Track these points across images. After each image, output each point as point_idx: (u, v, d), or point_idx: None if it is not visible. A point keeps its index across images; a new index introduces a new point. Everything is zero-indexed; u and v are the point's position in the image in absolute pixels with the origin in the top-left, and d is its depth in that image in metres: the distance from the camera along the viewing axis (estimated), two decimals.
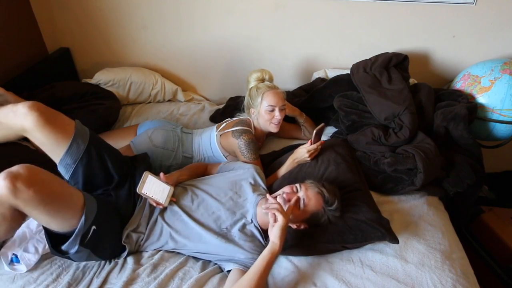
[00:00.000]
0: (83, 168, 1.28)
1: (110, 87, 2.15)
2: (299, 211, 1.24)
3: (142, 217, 1.34)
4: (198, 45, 2.22)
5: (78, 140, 1.26)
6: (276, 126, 1.68)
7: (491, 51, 1.95)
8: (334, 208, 1.25)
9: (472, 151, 1.70)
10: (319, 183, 1.29)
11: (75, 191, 1.19)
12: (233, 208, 1.35)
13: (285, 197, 1.26)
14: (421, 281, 1.18)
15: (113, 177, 1.35)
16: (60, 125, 1.25)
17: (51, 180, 1.12)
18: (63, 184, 1.17)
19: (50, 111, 1.25)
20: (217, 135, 1.70)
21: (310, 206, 1.24)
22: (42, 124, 1.19)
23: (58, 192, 1.12)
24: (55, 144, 1.24)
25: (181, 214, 1.33)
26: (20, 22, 2.06)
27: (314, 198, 1.24)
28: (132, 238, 1.31)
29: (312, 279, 1.21)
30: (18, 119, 1.19)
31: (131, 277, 1.22)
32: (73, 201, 1.15)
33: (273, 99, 1.64)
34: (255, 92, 1.68)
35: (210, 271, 1.27)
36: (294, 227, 1.29)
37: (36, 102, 1.23)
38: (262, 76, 1.72)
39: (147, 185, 1.29)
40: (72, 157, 1.26)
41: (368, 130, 1.70)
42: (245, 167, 1.51)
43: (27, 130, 1.20)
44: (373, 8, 1.94)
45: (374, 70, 1.85)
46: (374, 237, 1.25)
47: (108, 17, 2.18)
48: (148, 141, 1.66)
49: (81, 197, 1.17)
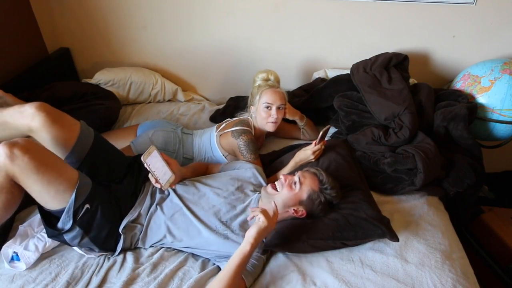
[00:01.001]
0: (87, 167, 1.31)
1: (110, 87, 2.15)
2: (296, 191, 1.28)
3: (143, 208, 1.35)
4: (198, 45, 2.23)
5: (83, 140, 1.30)
6: (272, 125, 1.67)
7: (491, 51, 1.96)
8: (329, 188, 1.28)
9: (472, 151, 1.70)
10: (316, 168, 1.33)
11: (70, 168, 1.21)
12: (234, 203, 1.36)
13: (282, 180, 1.30)
14: (421, 281, 1.18)
15: (116, 175, 1.38)
16: (66, 125, 1.29)
17: (47, 152, 1.19)
18: (58, 158, 1.21)
19: (56, 111, 1.28)
20: (216, 135, 1.71)
21: (306, 184, 1.28)
22: (49, 125, 1.23)
23: (52, 163, 1.16)
24: (61, 144, 1.27)
25: (181, 207, 1.34)
26: (20, 22, 2.06)
27: (309, 177, 1.30)
28: (130, 230, 1.32)
29: (312, 278, 1.21)
30: (25, 120, 1.23)
31: (131, 277, 1.22)
32: (67, 175, 1.17)
33: (270, 97, 1.65)
34: (256, 90, 1.70)
35: (209, 271, 1.26)
36: (292, 211, 1.29)
37: (43, 102, 1.26)
38: (268, 77, 1.74)
39: (152, 157, 1.27)
40: (77, 156, 1.29)
41: (368, 130, 1.70)
42: (247, 166, 1.53)
43: (34, 130, 1.24)
44: (373, 8, 1.95)
45: (374, 70, 1.84)
46: (375, 235, 1.25)
47: (108, 17, 2.18)
48: (149, 142, 1.66)
49: (76, 174, 1.20)
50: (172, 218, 1.33)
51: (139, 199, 1.38)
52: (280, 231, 1.28)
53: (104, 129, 1.93)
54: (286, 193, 1.29)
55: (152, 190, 1.41)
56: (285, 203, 1.29)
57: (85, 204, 1.19)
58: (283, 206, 1.29)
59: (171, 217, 1.34)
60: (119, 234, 1.30)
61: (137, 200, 1.37)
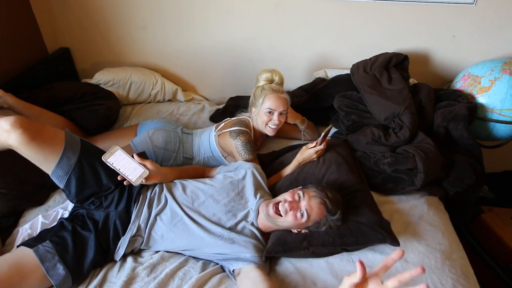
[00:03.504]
0: (75, 179, 1.27)
1: (110, 87, 2.14)
2: (302, 220, 1.22)
3: (141, 220, 1.32)
4: (198, 45, 2.22)
5: (68, 153, 1.25)
6: (272, 130, 1.67)
7: (491, 51, 1.95)
8: (336, 218, 1.23)
9: (472, 151, 1.70)
10: (322, 191, 1.24)
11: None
12: (235, 211, 1.35)
13: (287, 207, 1.23)
14: (421, 281, 1.18)
15: (107, 186, 1.33)
16: (47, 139, 1.22)
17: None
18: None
19: (34, 126, 1.19)
20: (215, 135, 1.70)
21: (313, 216, 1.22)
22: (27, 141, 1.16)
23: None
24: (43, 159, 1.23)
25: (182, 216, 1.32)
26: (20, 22, 2.06)
27: (317, 208, 1.22)
28: (131, 244, 1.30)
29: (312, 279, 1.21)
30: (2, 136, 1.16)
31: (131, 277, 1.22)
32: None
33: (274, 103, 1.62)
34: (259, 92, 1.67)
35: (210, 271, 1.26)
36: (295, 231, 1.29)
37: (20, 117, 1.17)
38: (272, 77, 1.71)
39: (115, 157, 1.29)
40: (64, 169, 1.25)
41: (368, 130, 1.70)
42: (246, 166, 1.50)
43: (13, 146, 1.17)
44: (373, 8, 1.94)
45: (374, 70, 1.84)
46: (375, 240, 1.25)
47: (108, 17, 2.18)
48: (149, 142, 1.66)
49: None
50: (174, 229, 1.31)
51: (136, 211, 1.33)
52: (281, 238, 1.28)
53: (104, 129, 1.93)
54: (291, 222, 1.23)
55: (150, 198, 1.37)
56: (288, 227, 1.28)
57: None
58: (285, 228, 1.29)
59: (172, 227, 1.31)
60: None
61: (134, 213, 1.33)
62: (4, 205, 1.42)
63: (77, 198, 1.30)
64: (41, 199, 1.53)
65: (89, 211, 1.32)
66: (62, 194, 1.57)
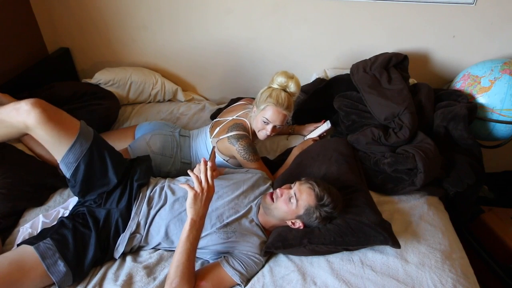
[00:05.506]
0: (84, 167, 1.29)
1: (110, 87, 2.14)
2: (293, 208, 1.25)
3: (141, 217, 1.34)
4: (198, 45, 2.22)
5: (81, 139, 1.28)
6: (263, 137, 1.66)
7: (491, 51, 1.96)
8: (329, 208, 1.24)
9: (472, 151, 1.70)
10: (312, 180, 1.29)
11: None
12: (237, 207, 1.36)
13: (278, 193, 1.29)
14: (421, 281, 1.18)
15: (111, 179, 1.35)
16: (63, 123, 1.27)
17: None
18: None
19: (53, 109, 1.26)
20: (212, 142, 1.69)
21: (302, 201, 1.25)
22: (45, 121, 1.20)
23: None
24: (57, 142, 1.25)
25: (180, 212, 1.33)
26: (20, 22, 2.06)
27: (306, 193, 1.25)
28: (130, 241, 1.32)
29: (312, 278, 1.21)
30: (20, 117, 1.20)
31: (130, 276, 1.22)
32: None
33: (272, 116, 1.58)
34: (265, 97, 1.59)
35: None
36: (290, 223, 1.29)
37: (39, 99, 1.24)
38: (287, 83, 1.60)
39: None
40: (74, 155, 1.27)
41: (368, 130, 1.70)
42: (254, 172, 1.54)
43: (30, 127, 1.21)
44: (373, 8, 1.94)
45: (374, 70, 1.84)
46: (377, 241, 1.24)
47: (108, 17, 2.18)
48: (146, 147, 1.65)
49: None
50: (171, 223, 1.32)
51: (136, 208, 1.35)
52: (281, 234, 1.29)
53: (103, 129, 1.93)
54: (283, 208, 1.27)
55: (150, 196, 1.39)
56: (281, 217, 1.29)
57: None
58: (280, 219, 1.30)
59: (170, 221, 1.32)
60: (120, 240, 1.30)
61: (133, 210, 1.35)
62: (4, 205, 1.42)
63: (80, 188, 1.32)
64: (41, 200, 1.53)
65: (90, 209, 1.33)
66: (62, 194, 1.57)
